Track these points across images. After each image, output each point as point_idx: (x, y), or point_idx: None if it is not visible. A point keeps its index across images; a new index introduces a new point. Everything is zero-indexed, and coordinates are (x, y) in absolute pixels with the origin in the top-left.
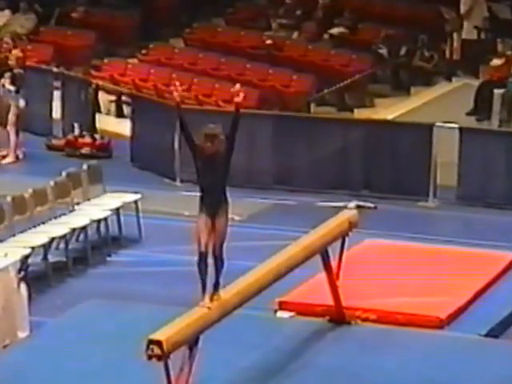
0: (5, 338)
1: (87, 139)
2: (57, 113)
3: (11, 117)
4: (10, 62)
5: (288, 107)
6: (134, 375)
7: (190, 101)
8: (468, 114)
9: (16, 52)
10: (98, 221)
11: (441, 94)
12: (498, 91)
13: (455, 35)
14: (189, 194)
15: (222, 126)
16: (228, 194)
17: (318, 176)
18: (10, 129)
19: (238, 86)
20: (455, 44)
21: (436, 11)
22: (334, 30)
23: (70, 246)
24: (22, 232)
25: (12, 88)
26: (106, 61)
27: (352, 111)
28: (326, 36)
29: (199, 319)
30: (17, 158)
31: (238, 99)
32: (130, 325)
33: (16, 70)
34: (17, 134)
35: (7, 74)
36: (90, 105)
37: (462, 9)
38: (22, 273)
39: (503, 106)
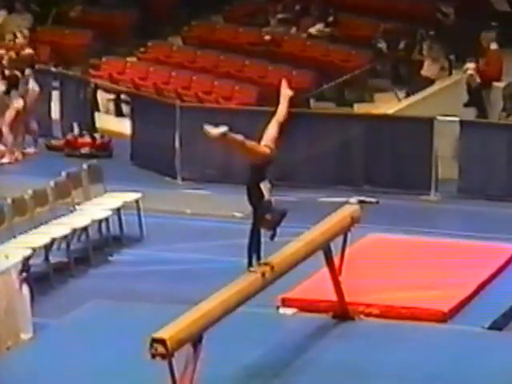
0: (8, 340)
1: (87, 139)
2: (56, 113)
3: (6, 117)
4: (3, 62)
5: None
6: (138, 374)
7: (189, 98)
8: (465, 105)
9: (11, 54)
10: (99, 220)
11: (441, 88)
12: (497, 84)
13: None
14: (190, 191)
15: None
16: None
17: (319, 172)
18: (5, 129)
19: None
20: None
21: (434, 5)
22: (314, 29)
23: (72, 247)
24: (22, 233)
25: (3, 88)
26: (104, 60)
27: (352, 106)
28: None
29: (202, 317)
30: (16, 159)
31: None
32: (133, 324)
33: (7, 71)
34: (15, 134)
35: None
36: (89, 104)
37: None
38: (24, 274)
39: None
